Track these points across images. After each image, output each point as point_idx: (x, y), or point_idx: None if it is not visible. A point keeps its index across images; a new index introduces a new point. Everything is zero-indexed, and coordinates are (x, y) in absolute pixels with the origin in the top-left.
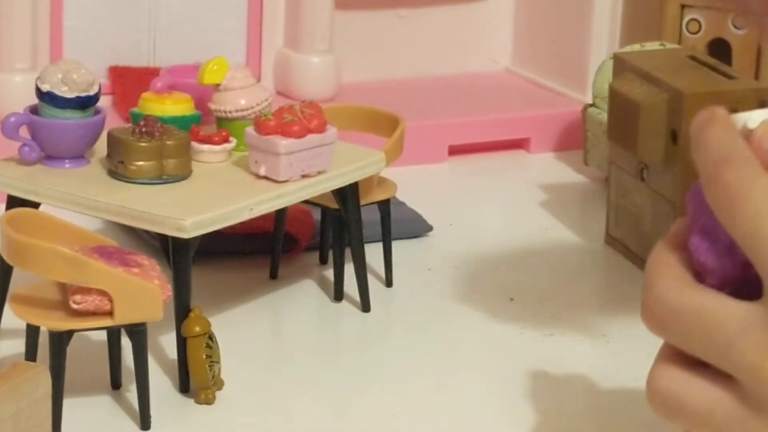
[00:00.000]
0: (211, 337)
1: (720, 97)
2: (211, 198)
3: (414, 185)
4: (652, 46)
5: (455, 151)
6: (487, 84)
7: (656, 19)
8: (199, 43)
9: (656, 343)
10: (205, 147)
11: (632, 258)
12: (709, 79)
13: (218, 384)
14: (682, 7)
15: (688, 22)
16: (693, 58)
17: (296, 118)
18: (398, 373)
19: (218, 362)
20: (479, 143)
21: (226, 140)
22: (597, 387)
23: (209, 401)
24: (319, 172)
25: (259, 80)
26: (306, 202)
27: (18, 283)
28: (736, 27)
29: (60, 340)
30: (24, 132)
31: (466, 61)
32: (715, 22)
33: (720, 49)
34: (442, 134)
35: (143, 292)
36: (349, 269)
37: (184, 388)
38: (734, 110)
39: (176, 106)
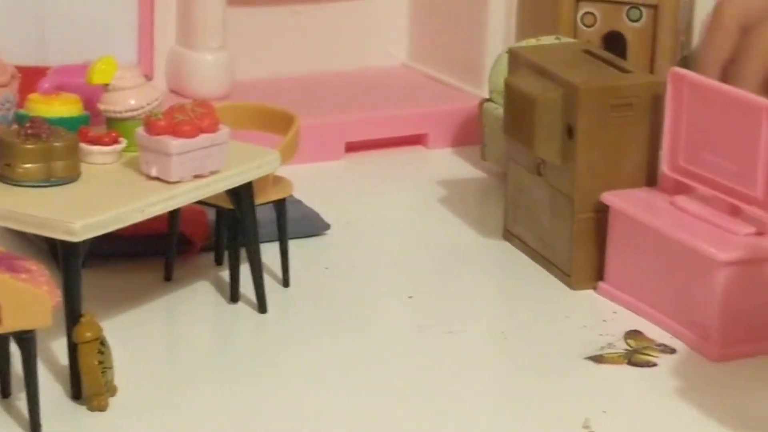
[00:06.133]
0: (103, 342)
1: (616, 91)
2: (102, 200)
3: (311, 183)
4: (548, 40)
5: (352, 147)
6: (383, 79)
7: (552, 12)
8: (89, 42)
9: (553, 339)
10: (95, 148)
11: (530, 253)
12: (604, 74)
13: (111, 390)
14: (577, 0)
15: (583, 16)
16: (588, 52)
17: (187, 117)
18: (295, 374)
19: (111, 368)
20: (376, 140)
21: (116, 141)
22: (497, 382)
23: (102, 408)
24: (212, 172)
25: (151, 79)
26: (200, 202)
27: None
28: (630, 20)
29: None
30: None
31: (361, 57)
32: (610, 15)
33: (615, 41)
34: (339, 131)
35: (31, 298)
36: (246, 270)
37: (76, 394)
38: None
39: (64, 106)
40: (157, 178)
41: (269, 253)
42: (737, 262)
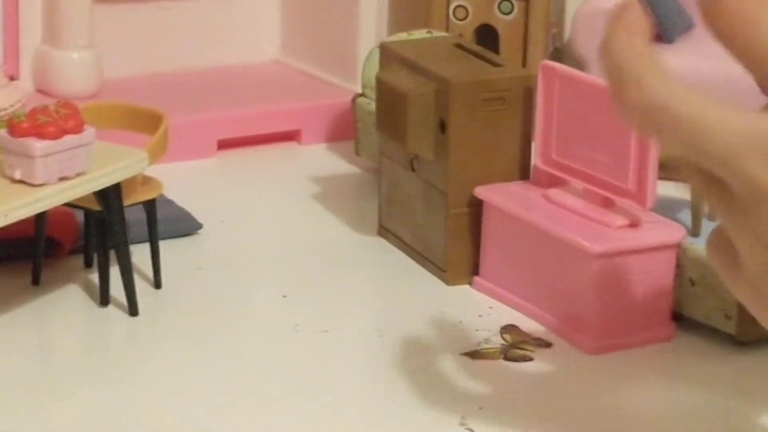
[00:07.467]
0: None
1: (487, 85)
2: None
3: (182, 182)
4: (420, 33)
5: (225, 145)
6: (255, 75)
7: (423, 6)
8: None
9: (429, 336)
10: None
11: (405, 249)
12: (475, 68)
13: None
14: None
15: (455, 9)
16: (459, 46)
17: (51, 118)
18: (168, 377)
19: None
20: (249, 137)
21: None
22: (372, 381)
23: None
24: (79, 174)
25: (16, 78)
26: (68, 204)
27: None
28: (502, 12)
29: None
30: None
31: (233, 52)
32: (482, 7)
33: (487, 35)
34: (211, 129)
35: None
36: (116, 272)
37: None
38: None
39: None
40: (21, 181)
41: (140, 254)
42: (611, 254)
